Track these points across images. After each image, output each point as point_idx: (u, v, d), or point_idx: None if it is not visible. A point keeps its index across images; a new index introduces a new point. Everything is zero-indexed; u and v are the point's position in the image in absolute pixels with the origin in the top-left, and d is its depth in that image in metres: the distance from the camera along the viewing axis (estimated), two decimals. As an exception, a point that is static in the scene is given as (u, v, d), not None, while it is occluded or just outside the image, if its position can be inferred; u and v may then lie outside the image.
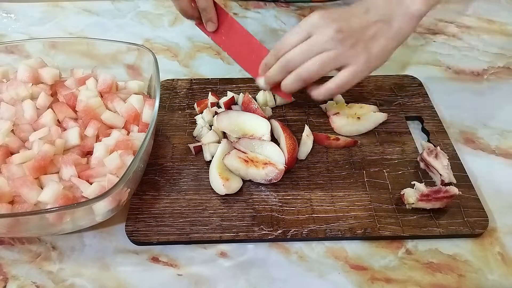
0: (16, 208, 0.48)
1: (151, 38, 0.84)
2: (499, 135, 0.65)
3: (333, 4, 0.93)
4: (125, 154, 0.51)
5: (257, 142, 0.58)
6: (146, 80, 0.63)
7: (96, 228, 0.54)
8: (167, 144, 0.62)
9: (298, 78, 0.56)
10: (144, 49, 0.61)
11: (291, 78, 0.56)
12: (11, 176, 0.50)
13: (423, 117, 0.66)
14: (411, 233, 0.52)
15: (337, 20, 0.53)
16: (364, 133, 0.63)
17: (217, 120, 0.61)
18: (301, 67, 0.55)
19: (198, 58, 0.80)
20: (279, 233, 0.52)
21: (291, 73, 0.56)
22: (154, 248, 0.52)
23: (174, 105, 0.68)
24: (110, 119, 0.57)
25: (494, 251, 0.52)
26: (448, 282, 0.49)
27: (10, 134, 0.54)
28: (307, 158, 0.60)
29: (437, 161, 0.56)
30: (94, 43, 0.64)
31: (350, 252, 0.51)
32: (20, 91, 0.58)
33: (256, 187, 0.57)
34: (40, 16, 0.90)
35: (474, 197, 0.55)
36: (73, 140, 0.54)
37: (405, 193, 0.53)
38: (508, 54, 0.81)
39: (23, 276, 0.49)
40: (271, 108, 0.67)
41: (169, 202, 0.55)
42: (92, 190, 0.49)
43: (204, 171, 0.58)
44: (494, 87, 0.74)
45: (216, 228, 0.52)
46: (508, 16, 0.90)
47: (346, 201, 0.55)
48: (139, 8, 0.93)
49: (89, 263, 0.51)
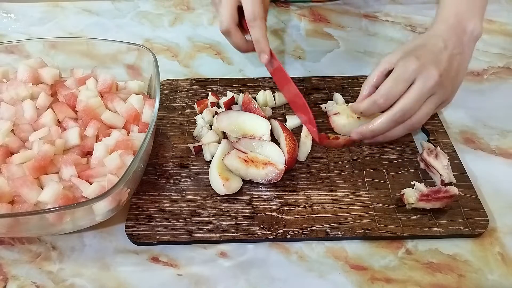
0: (16, 208, 0.48)
1: (151, 38, 0.84)
2: (499, 135, 0.65)
3: (333, 4, 0.93)
4: (125, 154, 0.51)
5: (257, 142, 0.58)
6: (146, 80, 0.63)
7: (96, 228, 0.54)
8: (167, 144, 0.62)
9: (409, 127, 0.57)
10: (144, 49, 0.61)
11: (401, 129, 0.57)
12: (11, 176, 0.50)
13: (423, 117, 0.66)
14: (411, 233, 0.52)
15: (434, 62, 0.55)
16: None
17: (217, 120, 0.61)
18: (414, 117, 0.55)
19: (198, 58, 0.80)
20: (279, 233, 0.52)
21: (401, 123, 0.56)
22: (154, 248, 0.52)
23: (174, 105, 0.68)
24: (110, 119, 0.57)
25: (494, 251, 0.52)
26: (448, 282, 0.49)
27: (10, 134, 0.54)
28: (307, 158, 0.60)
29: (437, 161, 0.56)
30: (94, 43, 0.64)
31: (350, 252, 0.51)
32: (20, 91, 0.58)
33: (256, 187, 0.57)
34: (40, 16, 0.90)
35: (474, 197, 0.55)
36: (73, 140, 0.54)
37: (405, 193, 0.53)
38: (508, 54, 0.81)
39: (23, 276, 0.49)
40: (271, 108, 0.67)
41: (169, 202, 0.55)
42: (92, 190, 0.49)
43: (204, 171, 0.58)
44: (494, 87, 0.74)
45: (216, 228, 0.52)
46: (508, 16, 0.90)
47: (346, 201, 0.55)
48: (139, 8, 0.93)
49: (89, 263, 0.51)
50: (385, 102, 0.55)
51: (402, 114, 0.55)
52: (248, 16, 0.57)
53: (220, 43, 0.83)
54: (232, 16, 0.58)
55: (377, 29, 0.87)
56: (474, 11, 0.58)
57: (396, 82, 0.55)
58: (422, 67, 0.54)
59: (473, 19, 0.58)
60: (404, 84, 0.55)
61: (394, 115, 0.55)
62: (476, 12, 0.58)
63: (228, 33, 0.60)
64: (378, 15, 0.91)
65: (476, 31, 0.58)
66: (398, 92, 0.55)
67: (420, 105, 0.55)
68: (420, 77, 0.54)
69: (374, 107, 0.56)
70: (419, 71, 0.54)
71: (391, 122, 0.56)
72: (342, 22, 0.89)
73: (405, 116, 0.55)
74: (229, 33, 0.60)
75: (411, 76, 0.54)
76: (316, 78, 0.72)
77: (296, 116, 0.65)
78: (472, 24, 0.58)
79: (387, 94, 0.55)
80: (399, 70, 0.55)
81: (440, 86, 0.55)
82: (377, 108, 0.56)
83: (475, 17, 0.58)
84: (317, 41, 0.84)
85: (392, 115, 0.55)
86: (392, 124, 0.56)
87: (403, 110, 0.54)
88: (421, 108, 0.55)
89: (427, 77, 0.54)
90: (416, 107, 0.55)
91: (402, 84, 0.55)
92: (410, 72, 0.54)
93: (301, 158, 0.60)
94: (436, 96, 0.56)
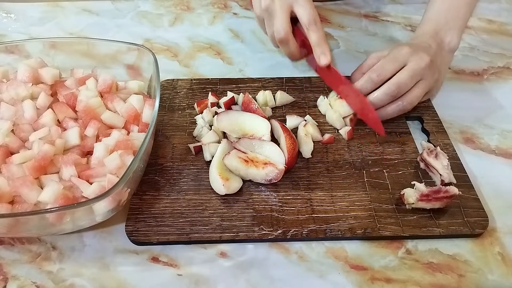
0: (16, 208, 0.48)
1: (151, 38, 0.84)
2: (499, 135, 0.65)
3: (333, 4, 0.93)
4: (125, 154, 0.51)
5: (257, 142, 0.58)
6: (146, 80, 0.63)
7: (96, 228, 0.54)
8: (167, 144, 0.62)
9: (401, 108, 0.61)
10: (144, 49, 0.61)
11: (394, 108, 0.61)
12: (11, 176, 0.50)
13: (423, 117, 0.66)
14: (411, 233, 0.52)
15: (424, 50, 0.61)
16: (364, 133, 0.63)
17: (217, 120, 0.61)
18: (407, 96, 0.60)
19: (198, 58, 0.80)
20: (279, 233, 0.52)
21: (394, 101, 0.61)
22: (154, 248, 0.52)
23: (174, 105, 0.68)
24: (110, 119, 0.57)
25: (494, 251, 0.52)
26: (448, 282, 0.49)
27: (10, 134, 0.54)
28: (307, 158, 0.60)
29: (437, 161, 0.56)
30: (94, 43, 0.64)
31: (350, 252, 0.51)
32: (20, 91, 0.58)
33: (256, 187, 0.57)
34: (40, 16, 0.90)
35: (474, 197, 0.55)
36: (73, 140, 0.54)
37: (405, 193, 0.53)
38: (508, 54, 0.81)
39: (23, 276, 0.49)
40: (271, 108, 0.67)
41: (169, 202, 0.55)
42: (92, 190, 0.49)
43: (204, 171, 0.58)
44: (494, 87, 0.74)
45: (216, 228, 0.52)
46: (508, 16, 0.90)
47: (346, 201, 0.55)
48: (139, 8, 0.93)
49: (89, 263, 0.51)
50: (378, 77, 0.60)
51: (397, 88, 0.59)
52: (307, 21, 0.60)
53: (220, 43, 0.83)
54: (289, 25, 0.61)
55: (377, 29, 0.87)
56: (452, 25, 0.65)
57: (389, 61, 0.60)
58: (414, 51, 0.60)
59: (450, 32, 0.65)
60: (397, 63, 0.60)
61: (389, 88, 0.59)
62: (454, 26, 0.65)
63: (287, 41, 0.62)
64: (378, 15, 0.91)
65: (453, 43, 0.65)
66: (391, 69, 0.60)
67: (413, 84, 0.60)
68: (413, 58, 0.59)
69: (368, 82, 0.60)
70: (411, 55, 0.60)
71: (387, 96, 0.60)
72: (342, 22, 0.89)
73: (399, 91, 0.59)
74: (287, 41, 0.62)
75: (403, 58, 0.60)
76: (316, 78, 0.72)
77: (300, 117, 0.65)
78: (449, 37, 0.65)
79: (380, 70, 0.60)
80: (393, 52, 0.61)
81: (430, 70, 0.60)
82: (371, 83, 0.60)
83: (452, 30, 0.65)
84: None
85: (388, 88, 0.59)
86: (387, 97, 0.60)
87: (398, 84, 0.59)
88: (413, 89, 0.60)
89: (419, 59, 0.59)
90: (410, 84, 0.60)
91: (395, 63, 0.60)
92: (403, 54, 0.60)
93: (306, 156, 0.60)
94: (426, 81, 0.61)
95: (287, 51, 0.64)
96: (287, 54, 0.65)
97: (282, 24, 0.60)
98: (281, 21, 0.60)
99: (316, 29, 0.60)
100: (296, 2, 0.60)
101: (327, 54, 0.61)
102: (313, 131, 0.62)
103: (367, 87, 0.61)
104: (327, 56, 0.61)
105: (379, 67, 0.60)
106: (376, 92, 0.60)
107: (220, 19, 0.90)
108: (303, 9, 0.60)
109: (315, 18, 0.60)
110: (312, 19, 0.60)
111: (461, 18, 0.66)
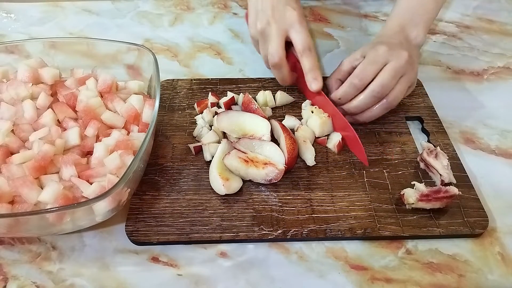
0: (16, 208, 0.48)
1: (151, 38, 0.84)
2: (499, 135, 0.65)
3: (333, 4, 0.93)
4: (125, 154, 0.51)
5: (257, 142, 0.58)
6: (146, 80, 0.63)
7: (96, 228, 0.54)
8: (167, 144, 0.62)
9: (387, 106, 0.61)
10: (144, 49, 0.61)
11: (380, 108, 0.61)
12: (11, 176, 0.50)
13: (423, 117, 0.66)
14: (411, 233, 0.52)
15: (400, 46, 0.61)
16: (364, 133, 0.63)
17: (217, 120, 0.61)
18: (391, 94, 0.60)
19: (198, 58, 0.80)
20: (279, 233, 0.52)
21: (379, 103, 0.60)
22: (154, 248, 0.52)
23: (174, 105, 0.68)
24: (110, 119, 0.57)
25: (494, 251, 0.52)
26: (448, 282, 0.49)
27: (10, 134, 0.54)
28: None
29: (437, 161, 0.56)
30: (94, 43, 0.64)
31: (350, 252, 0.51)
32: (20, 91, 0.58)
33: (256, 187, 0.57)
34: (40, 16, 0.90)
35: (474, 197, 0.55)
36: (73, 140, 0.54)
37: (405, 193, 0.53)
38: (508, 54, 0.81)
39: (23, 276, 0.49)
40: (271, 108, 0.67)
41: (169, 202, 0.55)
42: (92, 190, 0.49)
43: (204, 171, 0.58)
44: (494, 87, 0.74)
45: (216, 228, 0.52)
46: (508, 16, 0.90)
47: (346, 201, 0.55)
48: (139, 8, 0.93)
49: (89, 263, 0.51)
50: (360, 82, 0.59)
51: (381, 89, 0.58)
52: (302, 47, 0.60)
53: (220, 43, 0.83)
54: (283, 50, 0.61)
55: (377, 29, 0.87)
56: (417, 22, 0.65)
57: (369, 64, 0.59)
58: (392, 50, 0.60)
59: (415, 28, 0.65)
60: (377, 65, 0.59)
61: (373, 91, 0.59)
62: (418, 23, 0.65)
63: (280, 66, 0.63)
64: (378, 15, 0.91)
65: (419, 38, 0.65)
66: (372, 72, 0.59)
67: (395, 83, 0.59)
68: (392, 58, 0.59)
69: (351, 88, 0.60)
70: (390, 54, 0.59)
71: (371, 98, 0.59)
72: (342, 22, 0.89)
73: (384, 91, 0.59)
74: (280, 67, 0.63)
75: (382, 58, 0.59)
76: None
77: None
78: (415, 33, 0.65)
79: (362, 74, 0.59)
80: (371, 54, 0.60)
81: (410, 66, 0.60)
82: (353, 89, 0.60)
83: (417, 26, 0.65)
84: (317, 41, 0.84)
85: (372, 90, 0.59)
86: (372, 100, 0.60)
87: (382, 85, 0.58)
88: (396, 86, 0.60)
89: (398, 57, 0.59)
90: (392, 83, 0.59)
91: (375, 65, 0.59)
92: (381, 54, 0.59)
93: (310, 164, 0.59)
94: (407, 76, 0.60)
95: (279, 76, 0.65)
96: (278, 78, 0.66)
97: (277, 49, 0.61)
98: (276, 46, 0.61)
99: (310, 55, 0.61)
100: (292, 27, 0.61)
101: (318, 80, 0.61)
102: (307, 134, 0.61)
103: (350, 92, 0.60)
104: (319, 82, 0.61)
105: (360, 71, 0.59)
106: (360, 96, 0.60)
107: (220, 19, 0.90)
108: (298, 36, 0.60)
109: (309, 44, 0.61)
110: (307, 46, 0.60)
111: (427, 14, 0.66)
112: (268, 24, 0.61)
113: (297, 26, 0.61)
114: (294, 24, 0.61)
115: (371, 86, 0.59)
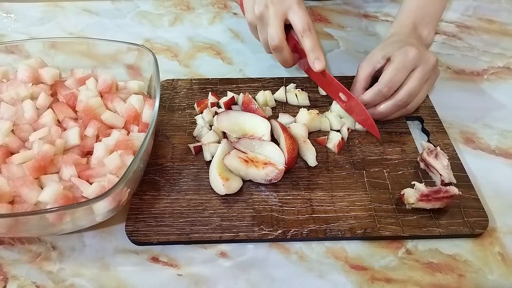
0: (16, 208, 0.48)
1: (151, 38, 0.84)
2: (499, 135, 0.65)
3: (333, 4, 0.93)
4: (125, 154, 0.51)
5: (257, 142, 0.58)
6: (146, 80, 0.63)
7: (96, 228, 0.54)
8: (167, 144, 0.62)
9: (405, 112, 0.62)
10: (144, 49, 0.61)
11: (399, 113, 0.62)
12: (11, 176, 0.50)
13: (423, 117, 0.66)
14: (411, 233, 0.52)
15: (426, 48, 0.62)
16: (364, 133, 0.63)
17: (217, 120, 0.61)
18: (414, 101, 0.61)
19: (198, 58, 0.80)
20: (279, 233, 0.52)
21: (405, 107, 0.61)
22: (154, 248, 0.52)
23: (174, 105, 0.68)
24: (110, 119, 0.57)
25: (494, 251, 0.52)
26: (448, 282, 0.49)
27: (10, 134, 0.54)
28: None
29: (437, 161, 0.56)
30: (94, 43, 0.64)
31: (350, 252, 0.51)
32: (20, 91, 0.58)
33: (256, 187, 0.57)
34: (40, 16, 0.90)
35: (474, 197, 0.55)
36: (73, 140, 0.54)
37: (405, 193, 0.53)
38: (508, 54, 0.81)
39: (23, 276, 0.49)
40: (271, 108, 0.67)
41: (169, 202, 0.55)
42: (92, 190, 0.49)
43: (204, 171, 0.58)
44: (494, 87, 0.74)
45: (216, 228, 0.52)
46: (508, 16, 0.90)
47: (346, 201, 0.55)
48: (139, 8, 0.93)
49: (89, 263, 0.51)
50: (389, 91, 0.59)
51: (408, 98, 0.59)
52: (302, 28, 0.60)
53: (220, 43, 0.83)
54: (283, 32, 0.61)
55: (377, 29, 0.87)
56: (428, 21, 0.66)
57: (398, 70, 0.59)
58: (421, 53, 0.59)
59: (426, 28, 0.66)
60: (406, 71, 0.59)
61: (400, 100, 0.59)
62: (429, 22, 0.66)
63: (281, 49, 0.62)
64: (378, 15, 0.91)
65: (429, 38, 0.66)
66: (400, 79, 0.59)
67: (420, 89, 0.60)
68: (421, 63, 0.59)
69: (379, 96, 0.60)
70: (419, 58, 0.59)
71: (397, 106, 0.60)
72: (342, 22, 0.89)
73: (410, 100, 0.59)
74: (281, 49, 0.62)
75: (411, 64, 0.59)
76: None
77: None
78: (426, 32, 0.66)
79: (391, 83, 0.59)
80: (400, 58, 0.59)
81: (436, 69, 0.61)
82: (381, 97, 0.60)
83: (428, 26, 0.66)
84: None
85: (399, 100, 0.59)
86: (397, 107, 0.60)
87: (409, 94, 0.59)
88: (420, 93, 0.61)
89: (427, 62, 0.59)
90: (418, 91, 0.60)
91: (404, 72, 0.59)
92: (411, 59, 0.59)
93: (312, 164, 0.59)
94: (431, 80, 0.61)
95: (280, 58, 0.64)
96: (280, 61, 0.65)
97: (277, 32, 0.60)
98: (275, 29, 0.60)
99: (310, 35, 0.60)
100: (291, 9, 0.60)
101: (321, 59, 0.60)
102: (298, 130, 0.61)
103: (376, 100, 0.60)
104: (322, 62, 0.60)
105: (390, 79, 0.58)
106: (387, 103, 0.60)
107: (220, 19, 0.90)
108: (297, 16, 0.60)
109: (309, 24, 0.60)
110: (307, 26, 0.60)
111: (437, 14, 0.67)
112: (266, 8, 0.60)
113: (296, 7, 0.60)
114: (292, 5, 0.60)
115: (399, 96, 0.59)
